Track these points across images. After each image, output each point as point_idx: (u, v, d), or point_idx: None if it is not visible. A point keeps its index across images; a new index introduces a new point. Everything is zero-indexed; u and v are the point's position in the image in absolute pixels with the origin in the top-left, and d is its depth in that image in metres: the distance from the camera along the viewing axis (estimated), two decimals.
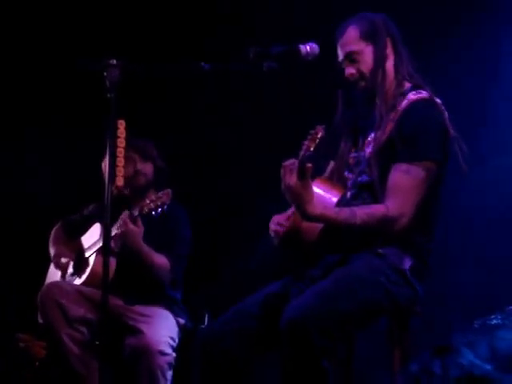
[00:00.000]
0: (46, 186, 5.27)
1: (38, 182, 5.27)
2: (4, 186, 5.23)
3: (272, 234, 3.06)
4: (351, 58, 3.03)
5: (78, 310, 3.80)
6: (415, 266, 2.93)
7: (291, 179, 2.80)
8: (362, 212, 2.85)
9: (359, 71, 3.02)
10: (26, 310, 4.06)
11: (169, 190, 3.74)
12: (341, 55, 3.06)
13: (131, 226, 3.76)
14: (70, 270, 4.12)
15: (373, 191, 2.95)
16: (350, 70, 3.04)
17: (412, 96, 2.97)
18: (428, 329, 3.31)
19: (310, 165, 2.79)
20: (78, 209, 4.37)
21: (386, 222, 2.85)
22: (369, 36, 3.01)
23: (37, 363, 4.15)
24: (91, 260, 4.00)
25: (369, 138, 3.03)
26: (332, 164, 3.25)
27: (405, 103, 2.97)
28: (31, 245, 4.77)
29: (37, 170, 5.30)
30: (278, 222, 3.05)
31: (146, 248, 3.87)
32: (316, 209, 2.83)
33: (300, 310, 2.71)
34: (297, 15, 4.85)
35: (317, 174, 2.92)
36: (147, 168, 4.12)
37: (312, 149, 2.79)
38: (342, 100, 3.14)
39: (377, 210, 2.87)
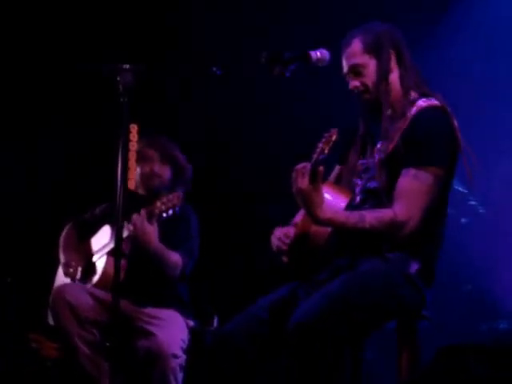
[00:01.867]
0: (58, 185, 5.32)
1: (49, 180, 5.32)
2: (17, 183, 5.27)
3: (274, 249, 3.09)
4: (355, 70, 3.04)
5: (90, 312, 3.82)
6: (422, 271, 2.95)
7: (303, 183, 2.82)
8: (371, 216, 2.88)
9: (363, 84, 3.04)
10: (38, 311, 4.09)
11: (180, 193, 3.76)
12: (345, 67, 3.08)
13: (147, 225, 3.78)
14: (79, 275, 4.13)
15: (381, 197, 2.97)
16: (354, 83, 3.06)
17: (422, 103, 2.99)
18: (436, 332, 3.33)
19: (321, 168, 2.81)
20: (89, 208, 4.39)
21: (394, 226, 2.87)
22: (372, 49, 3.02)
23: (49, 364, 4.18)
24: (101, 263, 4.02)
25: (378, 146, 3.05)
26: (337, 168, 3.27)
27: (414, 110, 2.98)
28: (42, 245, 4.79)
29: (41, 170, 5.34)
30: (279, 238, 3.07)
31: (160, 246, 3.89)
32: (326, 213, 2.85)
33: (308, 314, 2.73)
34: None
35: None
36: (164, 170, 4.13)
37: (326, 152, 2.81)
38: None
39: (385, 214, 2.88)
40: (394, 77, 3.06)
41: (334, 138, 2.82)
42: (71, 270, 4.11)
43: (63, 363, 4.00)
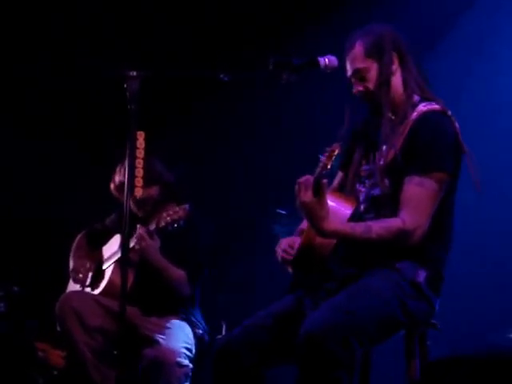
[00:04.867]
0: (63, 196, 5.30)
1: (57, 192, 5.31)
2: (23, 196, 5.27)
3: (279, 259, 3.06)
4: (358, 75, 3.02)
5: (96, 320, 3.81)
6: (430, 279, 2.92)
7: (306, 196, 2.80)
8: (378, 226, 2.85)
9: (366, 88, 3.02)
10: (45, 319, 4.08)
11: (186, 206, 3.74)
12: (349, 71, 3.06)
13: (148, 240, 3.78)
14: (89, 281, 4.13)
15: (385, 204, 2.94)
16: (357, 87, 3.04)
17: (422, 108, 2.97)
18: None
19: (325, 181, 2.79)
20: (99, 219, 4.38)
21: (402, 235, 2.84)
22: (374, 53, 2.99)
23: (55, 372, 4.17)
24: (109, 271, 4.02)
25: (380, 151, 3.02)
26: (340, 175, 3.25)
27: (415, 115, 2.96)
28: (52, 253, 4.79)
29: (54, 180, 5.33)
30: (284, 249, 3.05)
31: (163, 262, 3.89)
32: (331, 225, 2.82)
33: (317, 325, 2.70)
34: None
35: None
36: (151, 191, 4.08)
37: (329, 166, 2.79)
38: (349, 114, 3.13)
39: (392, 223, 2.86)
40: (397, 80, 3.03)
41: (336, 152, 2.81)
42: (80, 275, 4.11)
43: (69, 371, 3.99)
